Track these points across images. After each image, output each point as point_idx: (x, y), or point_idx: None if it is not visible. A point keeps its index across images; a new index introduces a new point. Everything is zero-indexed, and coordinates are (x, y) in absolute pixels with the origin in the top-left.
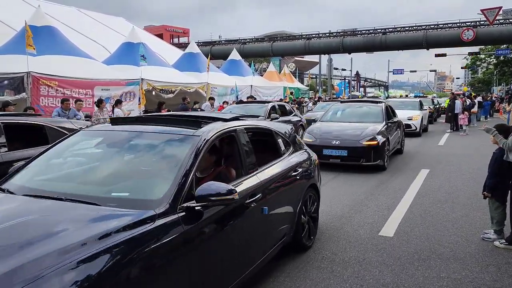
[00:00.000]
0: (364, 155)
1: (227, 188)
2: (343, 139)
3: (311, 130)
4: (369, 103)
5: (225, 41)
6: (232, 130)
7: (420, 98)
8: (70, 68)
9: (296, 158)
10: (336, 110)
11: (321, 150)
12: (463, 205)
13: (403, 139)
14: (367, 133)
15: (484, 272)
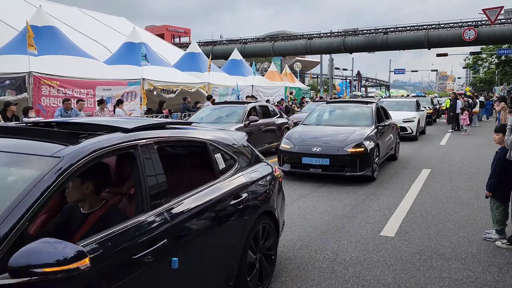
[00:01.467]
0: (349, 164)
1: (68, 254)
2: (325, 146)
3: (289, 135)
4: (358, 103)
5: (226, 41)
6: (131, 146)
7: (418, 98)
8: (72, 68)
9: (243, 178)
10: (320, 112)
11: (300, 158)
12: (464, 205)
13: (397, 144)
14: (353, 139)
15: (485, 272)
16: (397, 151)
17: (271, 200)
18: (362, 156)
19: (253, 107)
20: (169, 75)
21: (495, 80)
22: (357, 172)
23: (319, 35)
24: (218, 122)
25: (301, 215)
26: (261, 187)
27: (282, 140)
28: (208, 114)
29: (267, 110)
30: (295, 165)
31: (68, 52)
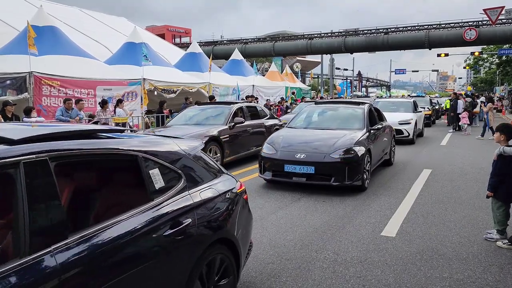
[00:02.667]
0: (336, 172)
1: None
2: (310, 152)
3: (271, 140)
4: (349, 104)
5: (227, 41)
6: (9, 164)
7: (415, 98)
8: (72, 68)
9: (188, 199)
10: (308, 113)
11: (282, 165)
12: (465, 205)
13: (393, 148)
14: (341, 144)
15: (487, 272)
16: (392, 156)
17: (229, 224)
18: (351, 164)
19: (240, 108)
20: (169, 75)
21: (496, 80)
22: (345, 181)
23: (320, 35)
24: (201, 124)
25: (302, 215)
26: (215, 209)
27: (264, 145)
28: (191, 115)
29: (255, 111)
30: (277, 173)
31: (69, 52)
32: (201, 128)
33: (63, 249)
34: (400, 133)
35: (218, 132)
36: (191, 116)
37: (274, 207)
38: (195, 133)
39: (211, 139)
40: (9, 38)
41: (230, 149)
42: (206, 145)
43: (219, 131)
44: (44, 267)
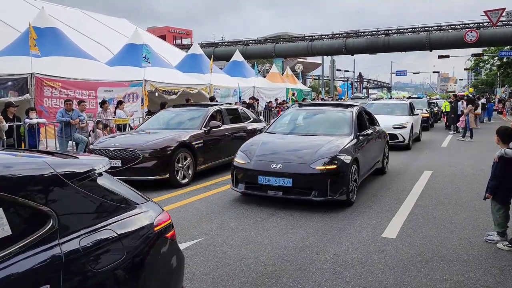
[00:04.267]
0: (317, 186)
1: None
2: (288, 162)
3: (245, 147)
4: (337, 107)
5: (228, 42)
6: None
7: (413, 100)
8: (74, 69)
9: (49, 254)
10: (290, 117)
11: (256, 177)
12: (466, 207)
13: (386, 156)
14: (324, 152)
15: (487, 274)
16: (385, 164)
17: (133, 282)
18: (335, 175)
19: (218, 111)
20: (170, 76)
21: (497, 81)
22: (327, 196)
23: (321, 36)
24: (173, 128)
25: (302, 216)
26: (105, 263)
27: (237, 153)
28: (165, 118)
29: (236, 114)
30: (251, 185)
31: (70, 54)
32: (171, 133)
33: None
34: (394, 138)
35: (189, 137)
36: (164, 120)
37: (275, 208)
38: (162, 139)
39: (181, 145)
40: (10, 39)
41: (204, 156)
42: (175, 152)
43: (191, 136)
44: None
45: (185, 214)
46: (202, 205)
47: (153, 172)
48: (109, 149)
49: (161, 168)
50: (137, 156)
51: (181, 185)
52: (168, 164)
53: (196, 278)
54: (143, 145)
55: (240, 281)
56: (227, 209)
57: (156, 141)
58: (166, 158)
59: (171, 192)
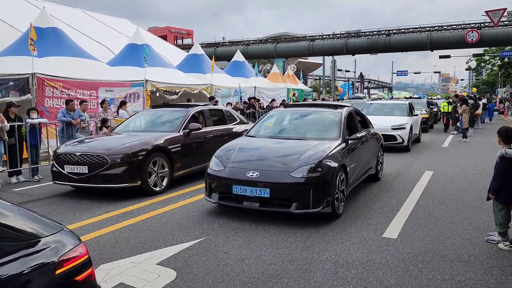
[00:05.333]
0: (298, 197)
1: None
2: (266, 169)
3: (221, 153)
4: (325, 108)
5: (229, 42)
6: None
7: (412, 100)
8: (75, 69)
9: None
10: (273, 119)
11: (230, 186)
12: (467, 207)
13: (380, 161)
14: (306, 159)
15: (488, 274)
16: (379, 170)
17: None
18: (318, 185)
19: (200, 112)
20: (171, 76)
21: (498, 82)
22: (309, 208)
23: (322, 36)
24: (150, 131)
25: (304, 216)
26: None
27: (212, 158)
28: (142, 120)
29: (221, 115)
30: (225, 195)
31: (71, 54)
32: (145, 136)
33: None
34: (393, 139)
35: (165, 140)
36: (142, 121)
37: None
38: (134, 143)
39: (155, 150)
40: (11, 39)
41: (182, 161)
42: (148, 157)
43: (167, 140)
44: None
45: (154, 226)
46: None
47: (122, 179)
48: (75, 154)
49: (132, 174)
50: (105, 162)
51: (155, 193)
52: (139, 170)
53: (197, 278)
54: (112, 149)
55: (241, 281)
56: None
57: (127, 145)
58: (138, 163)
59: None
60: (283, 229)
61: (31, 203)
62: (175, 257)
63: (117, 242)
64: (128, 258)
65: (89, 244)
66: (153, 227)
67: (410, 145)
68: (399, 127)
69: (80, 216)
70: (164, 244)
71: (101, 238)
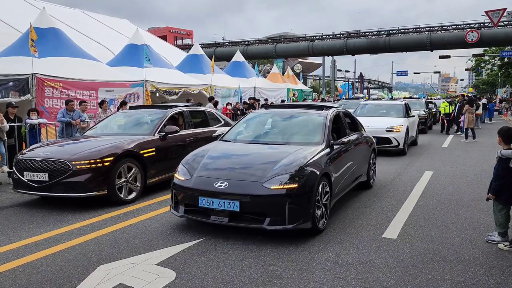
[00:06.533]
0: (272, 210)
1: None
2: (236, 179)
3: (189, 160)
4: (309, 109)
5: (228, 42)
6: None
7: (408, 100)
8: (75, 69)
9: None
10: (252, 121)
11: (196, 198)
12: (467, 207)
13: (373, 167)
14: (283, 167)
15: (488, 274)
16: (372, 176)
17: None
18: (296, 197)
19: (180, 113)
20: (171, 76)
21: (498, 82)
22: (286, 224)
23: (322, 37)
24: (123, 134)
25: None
26: None
27: (178, 166)
28: (116, 122)
29: (203, 117)
30: (190, 208)
31: (71, 54)
32: (116, 140)
33: None
34: (388, 142)
35: (136, 145)
36: (116, 124)
37: None
38: (101, 148)
39: (125, 155)
40: (11, 40)
41: (156, 167)
42: (116, 163)
43: (139, 144)
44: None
45: None
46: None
47: (86, 188)
48: (36, 160)
49: (97, 182)
50: (67, 168)
51: (124, 202)
52: (106, 178)
53: (196, 278)
54: (75, 155)
55: (241, 281)
56: None
57: (93, 150)
58: (104, 170)
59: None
60: None
61: (30, 203)
62: (174, 257)
63: (117, 243)
64: (127, 258)
65: (88, 244)
66: (153, 228)
67: (406, 148)
68: (394, 129)
69: (80, 217)
70: (163, 245)
71: (100, 238)
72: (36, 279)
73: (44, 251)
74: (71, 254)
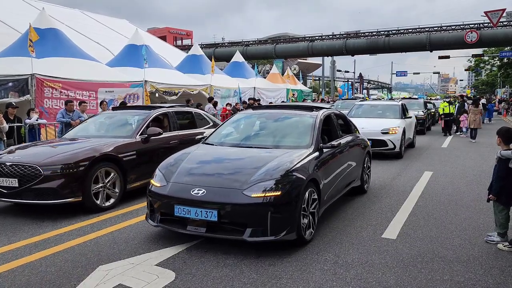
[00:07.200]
0: (253, 220)
1: None
2: (215, 186)
3: (165, 165)
4: (298, 110)
5: (228, 43)
6: None
7: (407, 101)
8: (74, 70)
9: None
10: (236, 123)
11: (172, 207)
12: (466, 208)
13: (367, 171)
14: (266, 172)
15: (487, 274)
16: (366, 180)
17: None
18: (279, 206)
19: (165, 114)
20: (171, 77)
21: (498, 82)
22: (267, 235)
23: (321, 37)
24: (103, 136)
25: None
26: None
27: (155, 172)
28: (97, 124)
29: (190, 118)
30: (166, 217)
31: (70, 54)
32: (94, 143)
33: None
34: (383, 144)
35: (115, 148)
36: (97, 125)
37: None
38: (75, 151)
39: (102, 159)
40: (11, 40)
41: (137, 171)
42: (92, 167)
43: (118, 147)
44: None
45: None
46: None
47: (59, 194)
48: (5, 164)
49: (71, 188)
50: (38, 174)
51: (101, 209)
52: (81, 183)
53: (196, 278)
54: (47, 159)
55: (241, 281)
56: None
57: (67, 153)
58: (78, 175)
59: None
60: None
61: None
62: (174, 258)
63: (116, 243)
64: (127, 259)
65: (88, 245)
66: (152, 228)
67: (402, 151)
68: (390, 131)
69: (79, 217)
70: (163, 245)
71: (100, 239)
72: (35, 280)
73: (43, 251)
74: (70, 254)
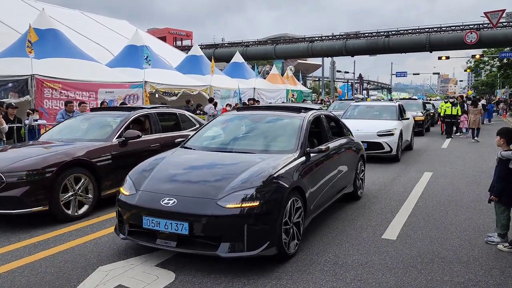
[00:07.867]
0: (228, 234)
1: None
2: (187, 195)
3: (136, 171)
4: (284, 111)
5: (228, 43)
6: None
7: (405, 101)
8: (74, 70)
9: None
10: (219, 126)
11: (141, 218)
12: (466, 208)
13: (360, 175)
14: (242, 181)
15: (487, 275)
16: (360, 186)
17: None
18: (257, 217)
19: (146, 116)
20: (171, 77)
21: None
22: (244, 250)
23: (321, 38)
24: (77, 139)
25: None
26: None
27: (125, 179)
28: (74, 126)
29: (175, 120)
30: (135, 229)
31: (70, 55)
32: (65, 147)
33: None
34: (379, 147)
35: (87, 152)
36: (74, 127)
37: None
38: (43, 156)
39: (72, 164)
40: (10, 41)
41: (113, 177)
42: (61, 173)
43: (91, 151)
44: None
45: None
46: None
47: (23, 203)
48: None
49: (37, 197)
50: (0, 181)
51: (71, 219)
52: (48, 191)
53: (196, 279)
54: (10, 165)
55: (241, 282)
56: None
57: (33, 159)
58: (46, 183)
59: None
60: None
61: None
62: (174, 258)
63: (116, 244)
64: (127, 259)
65: (87, 246)
66: None
67: (399, 154)
68: (386, 133)
69: (79, 220)
70: None
71: (99, 239)
72: (35, 280)
73: (43, 252)
74: (70, 255)
